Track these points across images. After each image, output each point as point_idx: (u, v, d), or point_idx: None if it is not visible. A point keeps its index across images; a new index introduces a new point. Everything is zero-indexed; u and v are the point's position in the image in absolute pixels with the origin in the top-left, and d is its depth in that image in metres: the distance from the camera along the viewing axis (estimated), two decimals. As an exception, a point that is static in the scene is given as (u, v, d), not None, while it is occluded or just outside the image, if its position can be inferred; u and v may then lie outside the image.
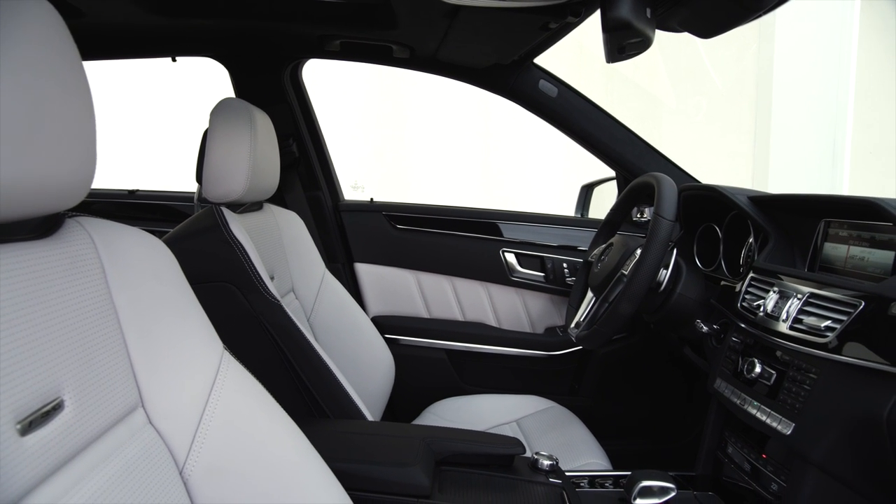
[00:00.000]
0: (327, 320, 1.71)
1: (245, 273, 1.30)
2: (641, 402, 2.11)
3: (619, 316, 1.38)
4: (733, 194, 1.45)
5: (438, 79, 2.03)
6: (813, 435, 1.03)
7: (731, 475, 1.33)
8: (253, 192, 1.41)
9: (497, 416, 1.77)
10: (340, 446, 1.10)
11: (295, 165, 2.09)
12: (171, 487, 0.73)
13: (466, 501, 1.06)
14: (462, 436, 1.21)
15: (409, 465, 1.05)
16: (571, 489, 1.16)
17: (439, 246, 2.13)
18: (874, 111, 4.88)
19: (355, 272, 2.16)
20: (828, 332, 1.03)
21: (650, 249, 1.34)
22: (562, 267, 2.07)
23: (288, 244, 1.66)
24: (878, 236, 1.10)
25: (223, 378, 0.82)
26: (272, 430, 0.85)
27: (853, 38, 4.89)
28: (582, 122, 1.94)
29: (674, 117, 5.49)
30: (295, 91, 2.08)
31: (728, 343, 1.34)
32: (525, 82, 1.91)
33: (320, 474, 0.88)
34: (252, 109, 1.40)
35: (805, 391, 1.06)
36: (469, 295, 2.13)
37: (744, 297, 1.30)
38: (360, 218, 2.17)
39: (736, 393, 1.25)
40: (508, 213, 2.14)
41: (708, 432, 1.42)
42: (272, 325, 1.31)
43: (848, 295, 1.02)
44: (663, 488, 1.14)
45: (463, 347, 2.09)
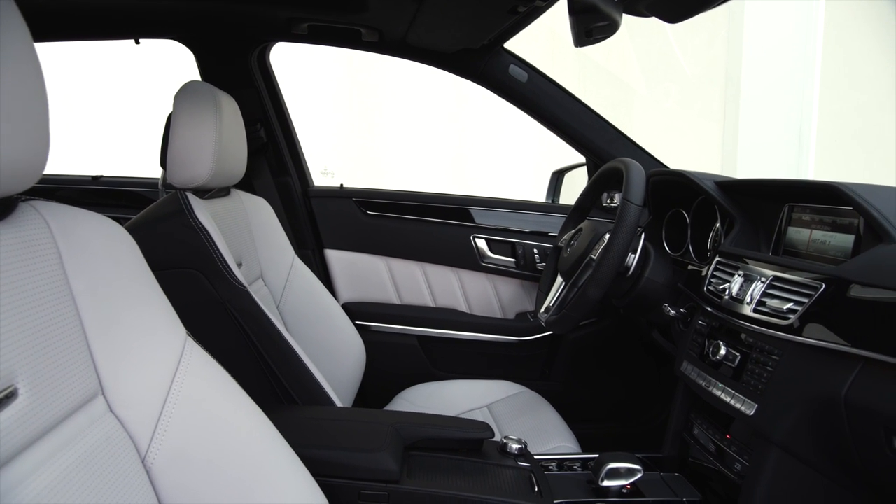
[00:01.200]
0: (297, 307, 1.70)
1: (210, 259, 1.28)
2: (611, 387, 2.13)
3: (588, 300, 1.39)
4: (700, 179, 1.47)
5: (410, 64, 2.02)
6: (775, 415, 1.05)
7: (696, 456, 1.35)
8: (219, 178, 1.39)
9: (468, 401, 1.78)
10: (308, 432, 1.09)
11: (263, 151, 2.06)
12: (132, 476, 0.72)
13: (435, 485, 1.06)
14: (431, 421, 1.21)
15: (377, 450, 1.05)
16: (540, 472, 1.17)
17: (410, 232, 2.12)
18: (839, 100, 4.96)
19: (325, 258, 2.15)
20: (790, 315, 1.04)
21: (618, 234, 1.35)
22: (532, 252, 2.08)
23: (256, 230, 1.64)
24: (839, 220, 1.12)
25: (186, 365, 0.80)
26: (237, 417, 0.84)
27: (818, 28, 4.96)
28: (552, 108, 1.94)
29: (645, 104, 5.53)
30: (263, 75, 2.04)
31: (694, 326, 1.36)
32: (495, 67, 1.91)
33: (286, 460, 0.87)
34: (217, 93, 1.38)
35: (768, 372, 1.08)
36: (440, 281, 2.13)
37: (710, 280, 1.32)
38: (330, 204, 2.15)
39: (702, 375, 1.27)
40: (479, 199, 2.14)
41: (674, 414, 1.44)
42: (239, 311, 1.29)
43: (809, 278, 1.04)
44: (630, 470, 1.16)
45: (434, 333, 2.09)
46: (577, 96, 1.97)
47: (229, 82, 1.89)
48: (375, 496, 1.04)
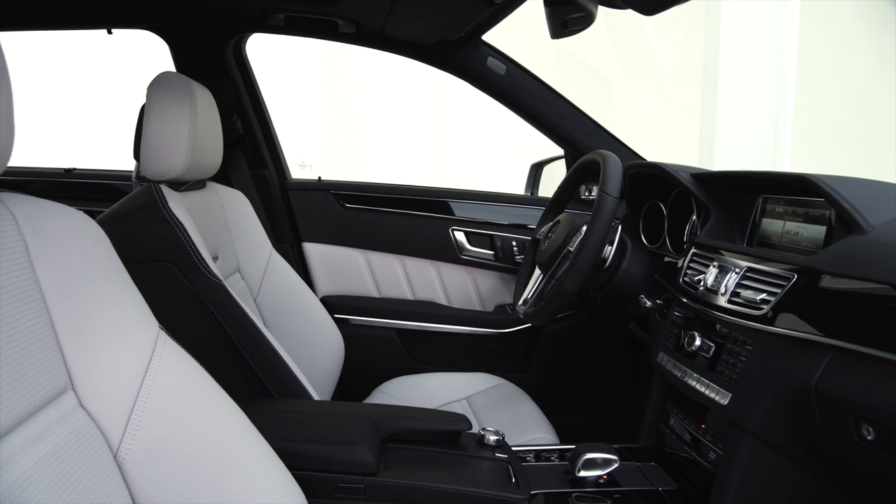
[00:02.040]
0: (275, 301, 1.68)
1: (185, 252, 1.26)
2: (590, 378, 2.14)
3: (565, 292, 1.39)
4: (677, 172, 1.47)
5: (390, 56, 2.01)
6: (748, 404, 1.06)
7: (672, 446, 1.37)
8: (194, 170, 1.37)
9: (447, 393, 1.78)
10: (284, 426, 1.09)
11: (240, 143, 2.04)
12: (104, 471, 0.71)
13: (412, 478, 1.06)
14: (408, 413, 1.21)
15: (353, 443, 1.05)
16: (517, 463, 1.17)
17: (388, 225, 2.11)
18: (814, 95, 5.03)
19: (303, 252, 2.13)
20: (763, 305, 1.05)
21: (595, 226, 1.35)
22: (511, 245, 2.08)
23: (233, 224, 1.63)
24: (812, 212, 1.13)
25: (159, 359, 0.79)
26: (211, 411, 0.83)
27: (794, 23, 5.01)
28: (530, 100, 1.95)
29: (624, 97, 5.55)
30: (238, 66, 2.02)
31: (670, 318, 1.37)
32: (473, 59, 1.90)
33: (261, 454, 0.86)
34: (192, 84, 1.36)
35: (741, 362, 1.09)
36: (419, 274, 2.13)
37: (685, 272, 1.33)
38: (308, 197, 2.13)
39: (677, 366, 1.28)
40: (458, 192, 2.14)
41: (651, 405, 1.45)
42: (214, 305, 1.28)
43: (782, 269, 1.05)
44: (606, 460, 1.17)
45: (413, 326, 2.09)
46: (556, 89, 1.98)
47: (204, 73, 1.87)
48: (352, 489, 1.04)
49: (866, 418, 0.85)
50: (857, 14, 4.91)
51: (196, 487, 0.77)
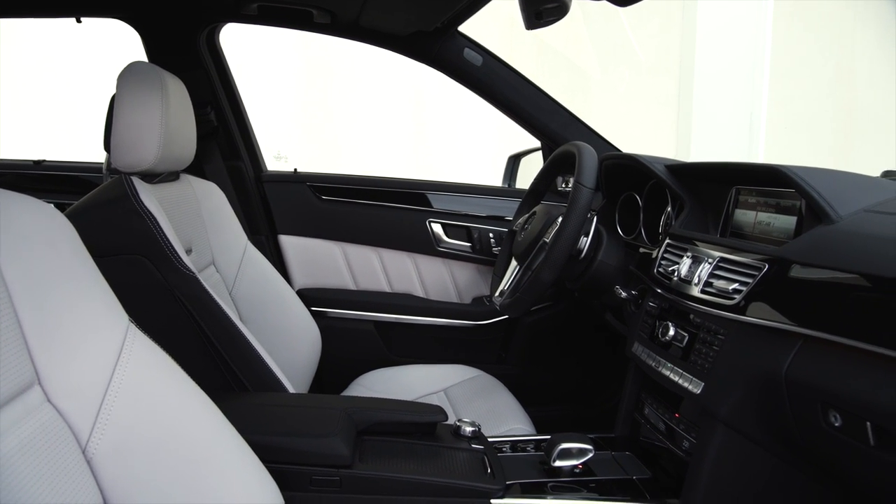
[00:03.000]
0: (250, 294, 1.67)
1: (157, 245, 1.25)
2: (567, 369, 2.16)
3: (541, 283, 1.40)
4: (651, 163, 1.48)
5: (367, 48, 1.99)
6: (720, 393, 1.08)
7: (647, 435, 1.38)
8: (166, 162, 1.35)
9: (425, 385, 1.78)
10: (257, 419, 1.08)
11: (214, 135, 2.02)
12: (72, 467, 0.70)
13: (388, 469, 1.06)
14: (384, 405, 1.21)
15: (328, 435, 1.04)
16: (493, 454, 1.18)
17: (365, 217, 2.10)
18: (788, 88, 5.09)
19: (279, 244, 2.12)
20: (735, 294, 1.06)
21: (570, 217, 1.36)
22: (488, 237, 2.08)
23: (207, 216, 1.61)
24: (783, 202, 1.15)
25: (129, 353, 0.78)
26: (182, 405, 0.82)
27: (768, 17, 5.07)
28: (507, 92, 1.94)
29: (602, 90, 5.58)
30: (212, 56, 1.99)
31: (645, 308, 1.38)
32: (449, 50, 1.90)
33: (234, 447, 0.86)
34: (163, 74, 1.34)
35: (714, 352, 1.11)
36: (396, 266, 2.12)
37: (660, 262, 1.34)
38: (284, 189, 2.12)
39: (652, 356, 1.29)
40: (435, 184, 2.13)
41: (626, 395, 1.46)
42: (187, 298, 1.27)
43: (753, 258, 1.06)
44: (581, 450, 1.17)
45: (391, 319, 2.09)
46: (533, 81, 1.98)
47: (177, 64, 1.83)
48: (327, 481, 1.04)
49: (834, 405, 0.86)
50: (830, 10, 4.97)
51: (168, 482, 0.77)
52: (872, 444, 0.81)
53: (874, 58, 4.87)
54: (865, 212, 0.96)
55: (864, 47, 4.91)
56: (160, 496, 0.76)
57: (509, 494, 1.10)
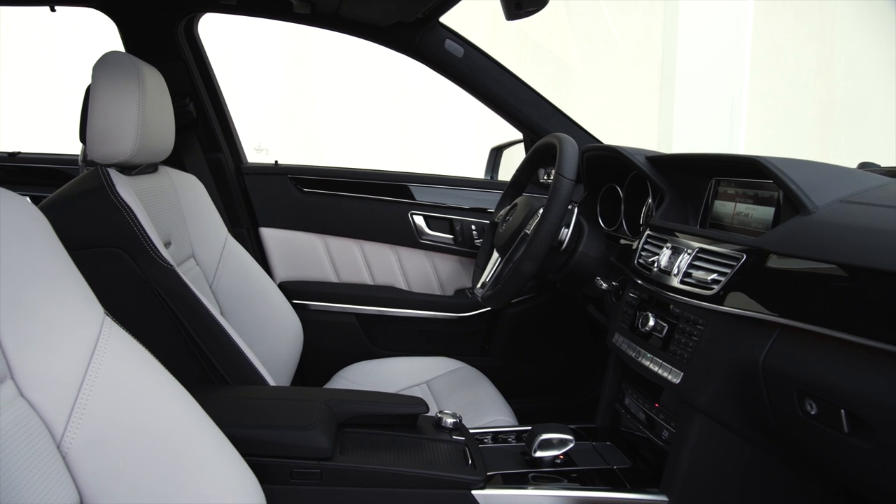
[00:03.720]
0: (231, 287, 1.66)
1: (134, 237, 1.23)
2: (550, 361, 2.16)
3: (522, 275, 1.40)
4: (632, 155, 1.49)
5: (349, 39, 1.98)
6: (699, 382, 1.08)
7: (628, 425, 1.39)
8: (144, 154, 1.34)
9: (407, 378, 1.78)
10: (237, 412, 1.07)
11: (193, 126, 2.00)
12: (47, 462, 0.69)
13: (368, 461, 1.06)
14: (364, 397, 1.20)
15: (309, 427, 1.04)
16: (474, 445, 1.18)
17: (347, 209, 2.09)
18: (769, 81, 5.13)
19: (260, 237, 2.10)
20: (714, 285, 1.07)
21: (551, 208, 1.36)
22: (470, 229, 2.08)
23: (186, 208, 1.60)
24: (761, 193, 1.15)
25: (104, 346, 0.77)
26: (159, 399, 0.81)
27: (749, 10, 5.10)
28: (488, 84, 1.94)
29: (585, 83, 5.59)
30: (190, 47, 1.97)
31: (625, 299, 1.39)
32: (430, 41, 1.89)
33: (213, 441, 0.85)
34: (140, 64, 1.32)
35: (693, 342, 1.11)
36: (378, 258, 2.12)
37: (640, 253, 1.35)
38: (265, 181, 2.10)
39: (632, 346, 1.30)
40: (417, 176, 2.13)
41: (606, 385, 1.47)
42: (165, 290, 1.25)
43: (732, 249, 1.07)
44: (562, 440, 1.18)
45: (373, 311, 2.08)
46: (515, 73, 1.97)
47: (154, 54, 1.82)
48: (308, 474, 1.03)
49: (809, 393, 0.87)
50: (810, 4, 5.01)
51: (145, 476, 0.76)
52: (846, 432, 0.82)
53: (853, 51, 4.92)
54: (841, 202, 0.97)
55: (843, 41, 4.95)
56: (137, 490, 0.75)
57: (490, 485, 1.10)
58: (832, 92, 5.03)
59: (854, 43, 4.90)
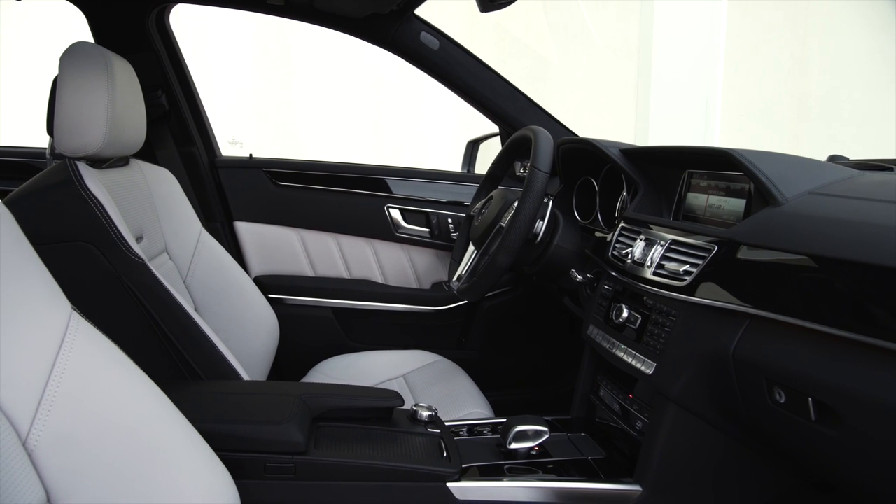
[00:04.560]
0: (205, 281, 1.64)
1: (104, 231, 1.21)
2: (527, 354, 2.17)
3: (498, 267, 1.40)
4: (606, 147, 1.49)
5: (326, 33, 1.96)
6: (671, 373, 1.10)
7: (603, 416, 1.40)
8: (114, 146, 1.31)
9: (384, 371, 1.78)
10: (209, 407, 1.06)
11: (165, 119, 1.97)
12: (12, 460, 0.67)
13: (343, 455, 1.05)
14: (339, 391, 1.20)
15: (282, 422, 1.03)
16: (450, 438, 1.18)
17: (323, 203, 2.08)
18: (742, 75, 5.18)
19: (235, 231, 2.08)
20: (686, 276, 1.08)
21: (526, 201, 1.36)
22: (447, 222, 2.08)
23: (159, 202, 1.58)
24: (733, 185, 1.16)
25: (71, 341, 0.76)
26: (128, 394, 0.80)
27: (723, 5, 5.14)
28: (464, 76, 1.94)
29: (563, 77, 5.60)
30: (162, 38, 1.94)
31: (600, 291, 1.39)
32: (406, 34, 1.88)
33: (184, 436, 0.84)
34: (109, 55, 1.30)
35: (666, 333, 1.12)
36: (354, 252, 2.11)
37: (614, 246, 1.35)
38: (239, 175, 2.08)
39: (606, 338, 1.31)
40: (393, 169, 2.12)
41: (581, 377, 1.48)
42: (136, 285, 1.23)
43: (704, 240, 1.08)
44: (537, 432, 1.18)
45: (349, 305, 2.08)
46: (491, 66, 1.97)
47: (125, 45, 1.78)
48: (282, 468, 1.03)
49: (778, 382, 0.88)
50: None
51: (113, 473, 0.75)
52: (814, 419, 0.83)
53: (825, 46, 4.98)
54: (810, 194, 0.98)
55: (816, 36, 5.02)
56: (105, 487, 0.74)
57: (465, 477, 1.10)
58: (805, 86, 5.10)
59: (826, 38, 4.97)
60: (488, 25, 5.47)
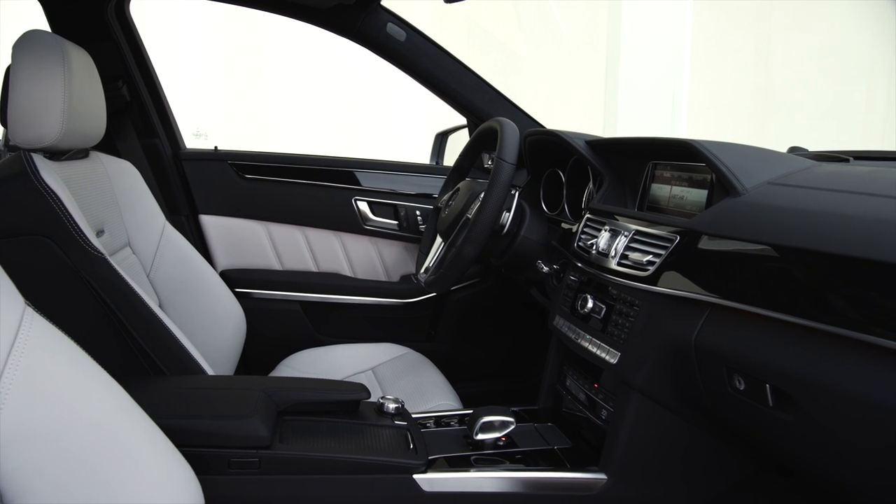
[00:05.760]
0: (170, 276, 1.62)
1: (61, 225, 1.18)
2: (496, 345, 2.18)
3: (464, 259, 1.40)
4: (572, 139, 1.50)
5: (296, 25, 1.93)
6: (635, 362, 1.11)
7: (569, 406, 1.41)
8: (72, 138, 1.28)
9: (353, 365, 1.77)
10: (171, 403, 1.05)
11: (127, 110, 1.93)
12: None
13: (309, 448, 1.05)
14: (304, 384, 1.19)
15: (246, 416, 1.02)
16: (416, 429, 1.18)
17: (290, 195, 2.06)
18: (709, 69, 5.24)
19: (200, 225, 2.05)
20: (649, 266, 1.09)
21: (491, 192, 1.36)
22: (415, 214, 2.07)
23: (120, 195, 1.54)
24: (695, 176, 1.18)
25: (25, 338, 0.74)
26: (86, 391, 0.78)
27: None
28: (431, 68, 1.93)
29: (533, 69, 5.62)
30: (122, 28, 1.89)
31: (566, 282, 1.40)
32: (372, 25, 1.86)
33: (144, 433, 0.83)
34: (65, 44, 1.27)
35: (630, 322, 1.13)
36: (322, 245, 2.09)
37: (580, 237, 1.36)
38: (204, 167, 2.05)
39: (572, 328, 1.32)
40: (361, 162, 2.11)
41: (548, 367, 1.49)
42: (96, 280, 1.21)
43: (667, 231, 1.09)
44: (503, 422, 1.19)
45: (318, 298, 2.06)
46: (458, 57, 1.96)
47: (83, 35, 1.74)
48: (246, 463, 1.02)
49: (738, 370, 0.90)
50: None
51: (70, 471, 0.73)
52: (771, 405, 0.85)
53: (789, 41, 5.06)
54: (769, 184, 0.99)
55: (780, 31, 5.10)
56: (62, 487, 0.72)
57: (432, 469, 1.10)
58: (770, 80, 5.18)
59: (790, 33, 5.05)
60: (458, 19, 5.47)
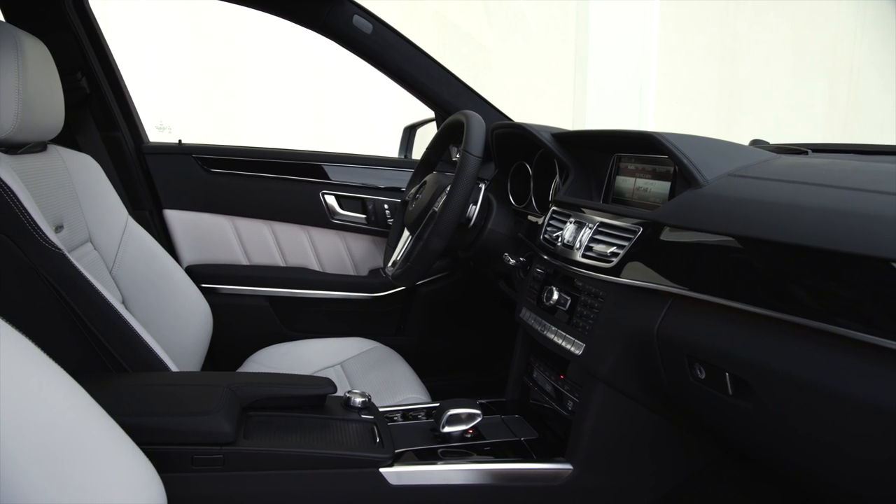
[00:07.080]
0: (133, 272, 1.59)
1: (16, 219, 1.15)
2: (465, 338, 2.18)
3: (431, 252, 1.40)
4: (538, 132, 1.50)
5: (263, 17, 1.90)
6: (600, 353, 1.12)
7: (536, 398, 1.42)
8: (27, 131, 1.25)
9: (321, 359, 1.76)
10: (132, 400, 1.03)
11: (87, 103, 1.88)
12: None
13: (273, 444, 1.04)
14: (269, 380, 1.18)
15: (209, 412, 1.01)
16: (383, 423, 1.18)
17: (256, 189, 2.04)
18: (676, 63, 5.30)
19: (165, 219, 2.02)
20: (612, 258, 1.10)
21: (458, 185, 1.36)
22: (383, 208, 2.06)
23: (81, 190, 1.51)
24: (658, 168, 1.19)
25: None
26: (41, 389, 0.77)
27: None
28: (398, 61, 1.92)
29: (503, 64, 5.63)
30: (81, 19, 1.85)
31: (532, 274, 1.41)
32: (338, 17, 1.84)
33: (102, 431, 0.81)
34: (19, 34, 1.23)
35: (594, 313, 1.14)
36: (289, 239, 2.07)
37: (545, 229, 1.37)
38: (168, 161, 2.01)
39: (538, 321, 1.32)
40: (329, 155, 2.09)
41: (515, 360, 1.50)
42: (54, 277, 1.18)
43: (630, 222, 1.10)
44: (470, 415, 1.19)
45: (286, 293, 2.04)
46: (425, 50, 1.95)
47: (39, 26, 1.70)
48: (209, 460, 1.00)
49: (699, 359, 0.91)
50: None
51: (24, 472, 0.71)
52: (731, 394, 0.86)
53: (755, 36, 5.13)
54: (730, 176, 1.01)
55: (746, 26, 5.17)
56: (17, 488, 0.71)
57: (399, 462, 1.10)
58: (736, 74, 5.25)
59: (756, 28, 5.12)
60: (427, 13, 5.45)
